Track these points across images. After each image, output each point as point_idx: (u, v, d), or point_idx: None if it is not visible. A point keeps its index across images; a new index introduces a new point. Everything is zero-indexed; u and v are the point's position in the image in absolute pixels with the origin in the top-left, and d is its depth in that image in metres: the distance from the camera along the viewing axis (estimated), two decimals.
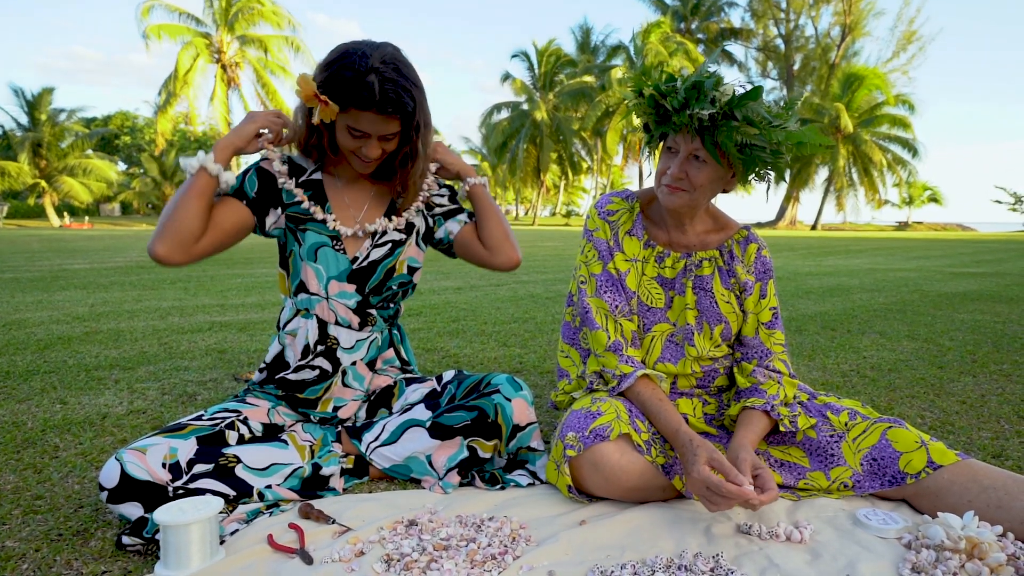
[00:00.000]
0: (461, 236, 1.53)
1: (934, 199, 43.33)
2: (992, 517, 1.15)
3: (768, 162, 1.27)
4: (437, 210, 1.55)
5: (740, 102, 1.22)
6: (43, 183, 29.57)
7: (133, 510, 1.12)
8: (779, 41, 37.91)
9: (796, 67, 37.81)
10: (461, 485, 1.39)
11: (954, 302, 4.63)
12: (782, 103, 1.31)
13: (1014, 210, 39.69)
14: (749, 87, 1.23)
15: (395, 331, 1.58)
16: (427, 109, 1.35)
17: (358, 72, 1.22)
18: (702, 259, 1.43)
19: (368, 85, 1.22)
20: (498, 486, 1.38)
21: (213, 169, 1.30)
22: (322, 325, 1.45)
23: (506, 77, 35.82)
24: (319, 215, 1.41)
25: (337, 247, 1.42)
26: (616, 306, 1.41)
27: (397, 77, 1.25)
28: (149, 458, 1.15)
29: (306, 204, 1.41)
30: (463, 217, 1.55)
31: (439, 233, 1.55)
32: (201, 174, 1.29)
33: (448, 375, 1.53)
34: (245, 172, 1.41)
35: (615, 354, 1.38)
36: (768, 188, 1.40)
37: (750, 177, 1.32)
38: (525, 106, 35.98)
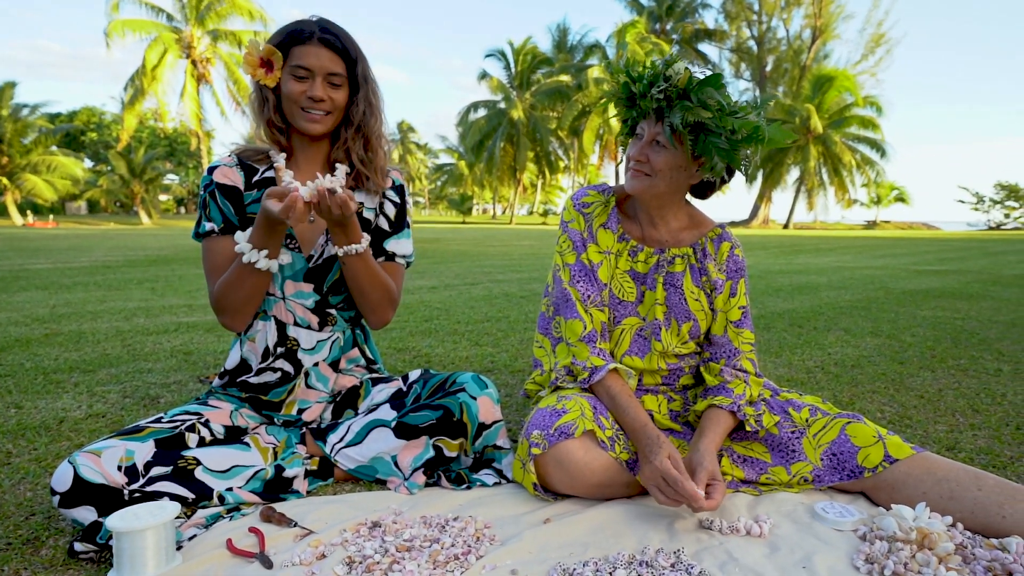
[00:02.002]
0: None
1: (901, 199, 44.49)
2: (945, 508, 1.19)
3: (724, 150, 1.26)
4: (381, 222, 1.49)
5: (698, 87, 1.25)
6: (4, 180, 28.64)
7: (86, 514, 1.09)
8: (752, 43, 38.53)
9: (768, 68, 38.44)
10: (427, 485, 1.38)
11: (917, 299, 4.76)
12: (757, 103, 1.34)
13: (976, 209, 40.95)
14: (708, 73, 1.27)
15: (358, 331, 1.56)
16: (370, 70, 1.40)
17: (299, 21, 1.34)
18: (675, 256, 1.45)
19: (308, 23, 1.33)
20: (464, 486, 1.37)
21: (272, 266, 1.30)
22: (281, 326, 1.42)
23: (483, 76, 35.74)
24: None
25: (292, 246, 1.39)
26: (588, 296, 1.42)
27: (335, 25, 1.36)
28: (104, 461, 1.12)
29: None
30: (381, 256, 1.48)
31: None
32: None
33: (414, 374, 1.52)
34: (212, 197, 1.36)
35: (588, 345, 1.39)
36: (723, 183, 1.41)
37: (709, 169, 1.31)
38: (502, 105, 35.95)
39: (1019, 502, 1.14)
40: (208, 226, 1.36)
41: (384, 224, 1.49)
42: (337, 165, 1.35)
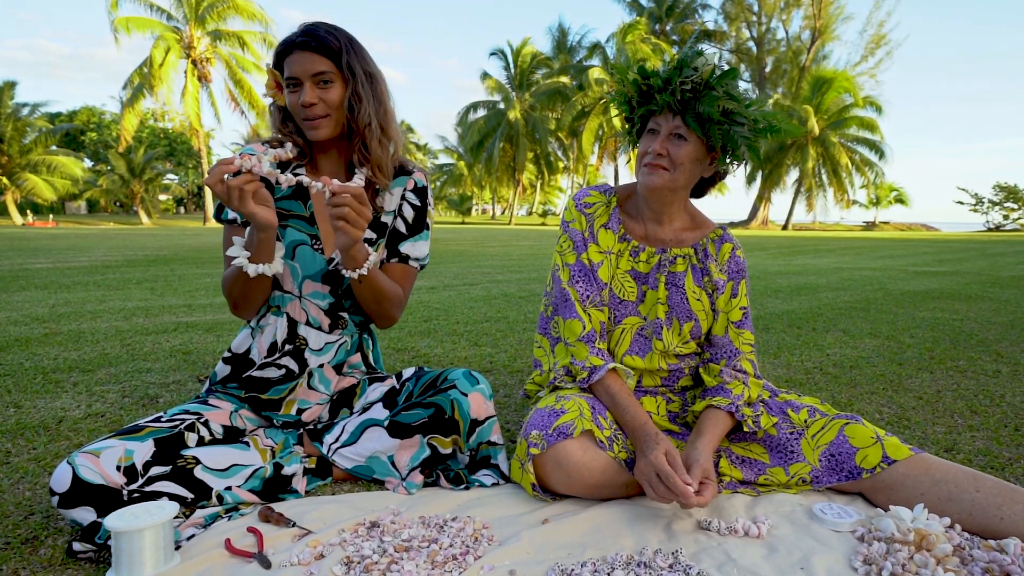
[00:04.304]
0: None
1: (900, 200, 44.56)
2: (943, 509, 1.19)
3: (747, 138, 1.31)
4: (398, 224, 1.47)
5: (720, 78, 1.29)
6: (4, 180, 28.65)
7: (85, 515, 1.09)
8: (751, 44, 38.54)
9: (768, 70, 38.45)
10: (425, 485, 1.38)
11: (916, 300, 4.76)
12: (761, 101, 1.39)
13: (975, 211, 41.00)
14: (726, 66, 1.31)
15: (366, 336, 1.55)
16: (368, 60, 1.35)
17: (291, 33, 1.33)
18: (676, 256, 1.45)
19: (293, 32, 1.32)
20: (463, 486, 1.37)
21: (252, 271, 1.27)
22: (292, 324, 1.42)
23: (485, 76, 35.75)
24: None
25: (316, 246, 1.39)
26: (587, 296, 1.43)
27: (323, 24, 1.32)
28: (103, 461, 1.12)
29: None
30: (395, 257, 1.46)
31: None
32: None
33: (408, 372, 1.52)
34: None
35: (587, 345, 1.40)
36: (744, 164, 1.40)
37: (727, 157, 1.36)
38: (501, 105, 35.94)
39: (1017, 503, 1.14)
40: (231, 214, 1.36)
41: (401, 226, 1.47)
42: (356, 171, 1.36)
